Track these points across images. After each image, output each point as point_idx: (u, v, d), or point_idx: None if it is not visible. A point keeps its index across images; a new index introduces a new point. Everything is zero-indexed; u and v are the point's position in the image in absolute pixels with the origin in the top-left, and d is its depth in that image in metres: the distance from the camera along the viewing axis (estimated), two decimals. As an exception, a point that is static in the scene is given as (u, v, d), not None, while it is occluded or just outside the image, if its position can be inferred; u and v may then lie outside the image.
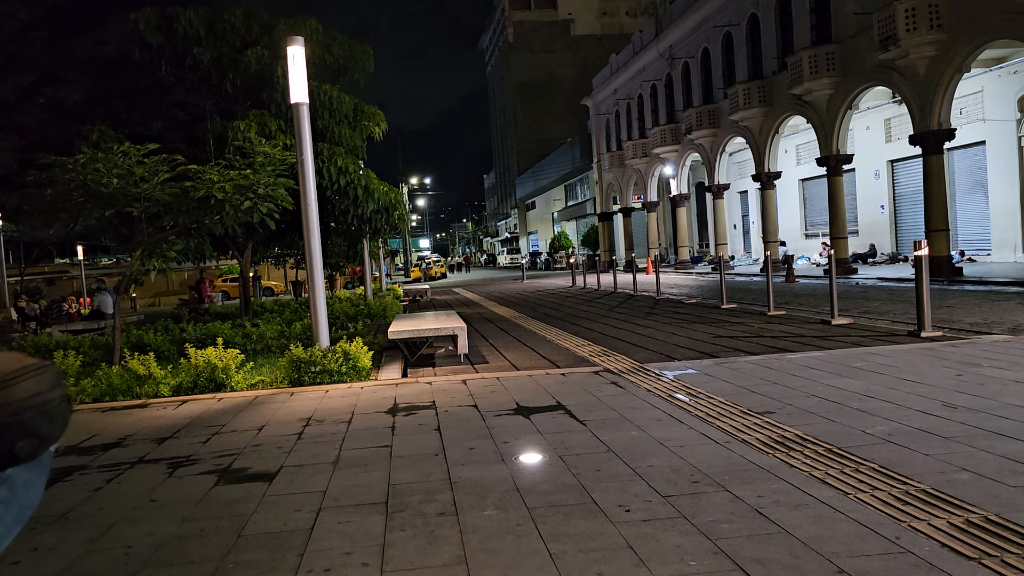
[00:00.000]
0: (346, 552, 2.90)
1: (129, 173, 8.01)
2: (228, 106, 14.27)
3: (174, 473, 4.25)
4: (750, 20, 27.22)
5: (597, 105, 46.40)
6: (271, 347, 10.69)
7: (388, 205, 13.20)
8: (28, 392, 1.26)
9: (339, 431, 5.01)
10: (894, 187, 25.63)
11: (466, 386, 6.47)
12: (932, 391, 5.08)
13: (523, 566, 2.66)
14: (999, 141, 20.62)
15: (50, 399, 1.29)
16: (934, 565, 2.45)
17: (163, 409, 6.33)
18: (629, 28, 69.69)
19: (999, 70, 20.23)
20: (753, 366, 6.59)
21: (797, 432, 4.22)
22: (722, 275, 13.39)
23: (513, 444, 4.38)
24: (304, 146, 7.58)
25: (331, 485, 3.79)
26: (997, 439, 3.84)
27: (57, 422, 1.31)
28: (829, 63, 21.52)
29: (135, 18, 12.81)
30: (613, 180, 43.09)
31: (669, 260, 38.12)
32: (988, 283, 15.03)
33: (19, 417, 1.24)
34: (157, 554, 3.02)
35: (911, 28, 17.41)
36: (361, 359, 7.35)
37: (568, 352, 8.66)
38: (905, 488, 3.19)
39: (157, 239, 9.10)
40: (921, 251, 7.89)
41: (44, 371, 1.30)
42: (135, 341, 10.76)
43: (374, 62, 14.52)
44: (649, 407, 5.16)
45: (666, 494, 3.32)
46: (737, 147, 31.23)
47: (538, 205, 76.69)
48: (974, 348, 6.82)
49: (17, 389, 1.25)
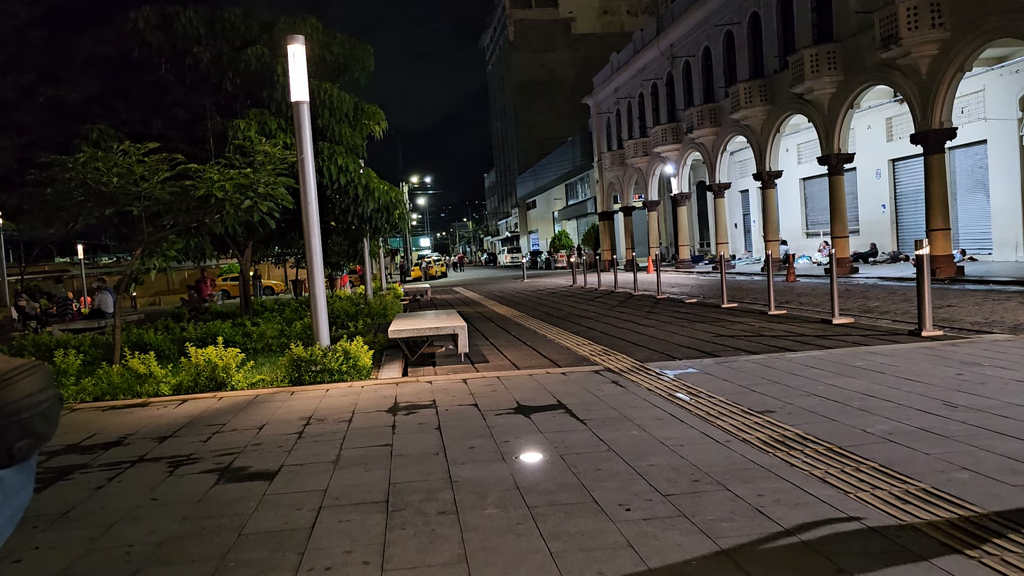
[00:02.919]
0: (347, 551, 2.90)
1: (129, 172, 8.02)
2: (228, 105, 14.27)
3: (175, 472, 4.25)
4: (751, 19, 27.20)
5: (598, 104, 46.37)
6: (271, 346, 10.70)
7: (388, 204, 13.20)
8: (24, 392, 1.26)
9: (339, 430, 5.01)
10: (895, 186, 25.61)
11: (466, 385, 6.47)
12: (933, 390, 5.07)
13: (524, 565, 2.66)
14: (1000, 140, 20.60)
15: (44, 399, 1.29)
16: (934, 564, 2.45)
17: (164, 408, 6.33)
18: (630, 27, 69.62)
19: (1000, 69, 20.21)
20: (754, 365, 6.59)
21: (798, 431, 4.22)
22: (723, 274, 13.38)
23: (513, 443, 4.38)
24: (304, 145, 7.58)
25: (332, 484, 3.79)
26: (997, 438, 3.83)
27: (51, 422, 1.31)
28: (830, 62, 21.50)
29: (135, 17, 12.81)
30: (614, 179, 43.07)
31: (670, 259, 38.12)
32: (989, 282, 15.02)
33: (17, 417, 1.24)
34: (158, 553, 3.02)
35: (913, 27, 17.39)
36: (361, 358, 7.35)
37: (568, 351, 8.66)
38: (905, 487, 3.19)
39: (157, 238, 9.10)
40: (922, 250, 7.88)
41: (36, 371, 1.30)
42: (135, 340, 10.76)
43: (375, 61, 14.52)
44: (650, 406, 5.16)
45: (666, 493, 3.32)
46: (738, 146, 31.20)
47: (539, 204, 76.66)
48: (975, 347, 6.82)
49: (13, 389, 1.25)
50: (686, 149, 33.03)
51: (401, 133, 70.52)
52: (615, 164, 41.96)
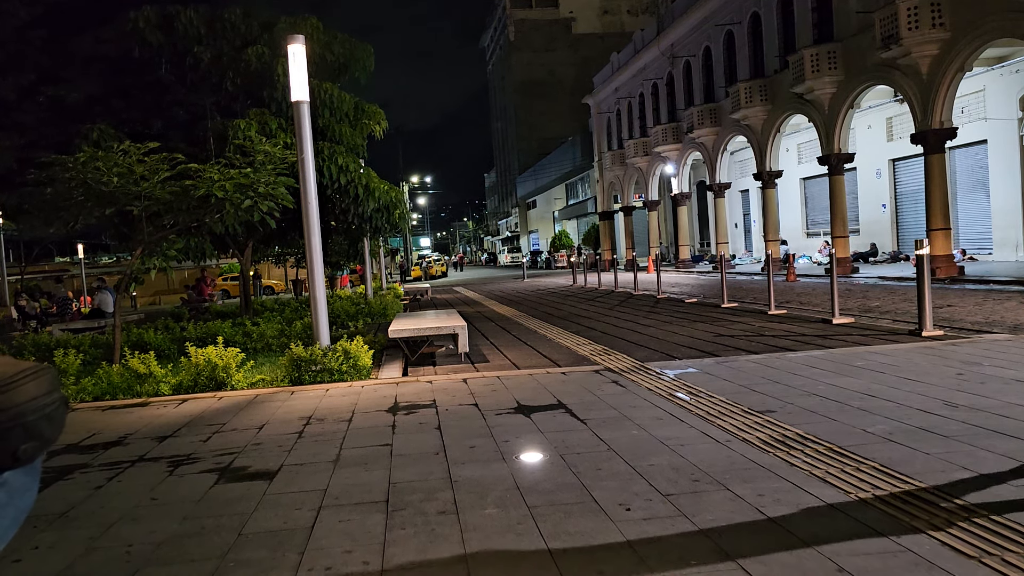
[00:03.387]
0: (347, 550, 2.90)
1: (129, 172, 8.02)
2: (228, 105, 14.27)
3: (175, 472, 4.25)
4: (752, 19, 27.20)
5: (598, 104, 46.37)
6: (271, 346, 10.70)
7: (389, 204, 13.20)
8: (29, 395, 1.26)
9: (340, 430, 5.01)
10: (895, 186, 25.61)
11: (467, 385, 6.47)
12: (933, 390, 5.07)
13: (524, 565, 2.66)
14: (1000, 140, 20.60)
15: (49, 402, 1.29)
16: (934, 563, 2.45)
17: (163, 408, 6.33)
18: (630, 27, 69.62)
19: (1001, 69, 20.21)
20: (754, 365, 6.59)
21: (798, 431, 4.22)
22: (723, 274, 13.38)
23: (514, 443, 4.37)
24: (304, 144, 7.58)
25: (331, 484, 3.79)
26: (998, 438, 3.83)
27: (56, 425, 1.31)
28: (831, 62, 21.49)
29: (135, 17, 12.80)
30: (614, 179, 43.08)
31: (670, 259, 38.12)
32: (989, 282, 15.01)
33: (22, 420, 1.24)
34: (158, 552, 3.02)
35: (913, 27, 17.39)
36: (361, 358, 7.34)
37: (569, 351, 8.66)
38: (906, 487, 3.19)
39: (157, 238, 9.10)
40: (922, 250, 7.88)
41: (42, 374, 1.30)
42: (135, 340, 10.76)
43: (375, 61, 14.52)
44: (650, 406, 5.16)
45: (667, 493, 3.32)
46: (738, 146, 31.21)
47: (539, 204, 76.66)
48: (975, 347, 6.81)
49: (19, 392, 1.25)
50: (686, 149, 33.03)
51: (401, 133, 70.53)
52: (615, 164, 41.96)
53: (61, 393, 1.34)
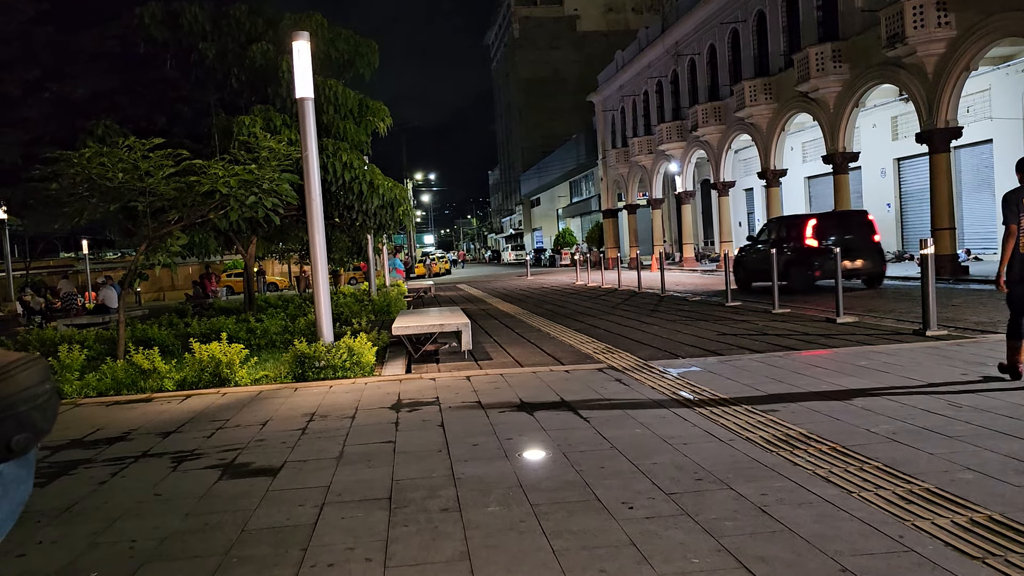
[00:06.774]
0: (349, 547, 2.90)
1: (134, 167, 8.02)
2: (233, 101, 14.27)
3: (178, 467, 4.26)
4: (757, 17, 27.13)
5: (602, 102, 46.29)
6: (275, 342, 10.71)
7: (393, 201, 13.18)
8: (21, 385, 1.25)
9: (343, 427, 5.02)
10: (900, 185, 25.52)
11: (470, 382, 6.47)
12: (937, 390, 5.06)
13: (526, 563, 2.66)
14: (1006, 139, 20.51)
15: (41, 392, 1.28)
16: (937, 564, 2.45)
17: (167, 404, 6.34)
18: (635, 25, 69.37)
19: (1007, 68, 20.12)
20: (758, 364, 6.58)
21: (801, 430, 4.21)
22: (727, 272, 13.36)
23: (516, 441, 4.37)
24: (309, 141, 7.58)
25: (334, 480, 3.80)
26: (1001, 438, 3.82)
27: (48, 415, 1.30)
28: (836, 60, 21.42)
29: (140, 13, 12.81)
30: (618, 177, 43.01)
31: (674, 257, 38.06)
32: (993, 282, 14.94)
33: (14, 411, 1.23)
34: (161, 548, 3.03)
35: (919, 25, 17.32)
36: (365, 355, 7.35)
37: (572, 349, 8.65)
38: (909, 487, 3.19)
39: (162, 233, 9.10)
40: (927, 250, 7.85)
41: (34, 364, 1.29)
42: (139, 336, 10.77)
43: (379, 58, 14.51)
44: (653, 404, 5.15)
45: (669, 491, 3.32)
46: (743, 144, 31.13)
47: (543, 201, 76.59)
48: (979, 347, 6.80)
49: (10, 383, 1.24)
50: (691, 147, 32.96)
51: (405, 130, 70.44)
52: (620, 162, 41.89)
53: (53, 383, 1.33)
